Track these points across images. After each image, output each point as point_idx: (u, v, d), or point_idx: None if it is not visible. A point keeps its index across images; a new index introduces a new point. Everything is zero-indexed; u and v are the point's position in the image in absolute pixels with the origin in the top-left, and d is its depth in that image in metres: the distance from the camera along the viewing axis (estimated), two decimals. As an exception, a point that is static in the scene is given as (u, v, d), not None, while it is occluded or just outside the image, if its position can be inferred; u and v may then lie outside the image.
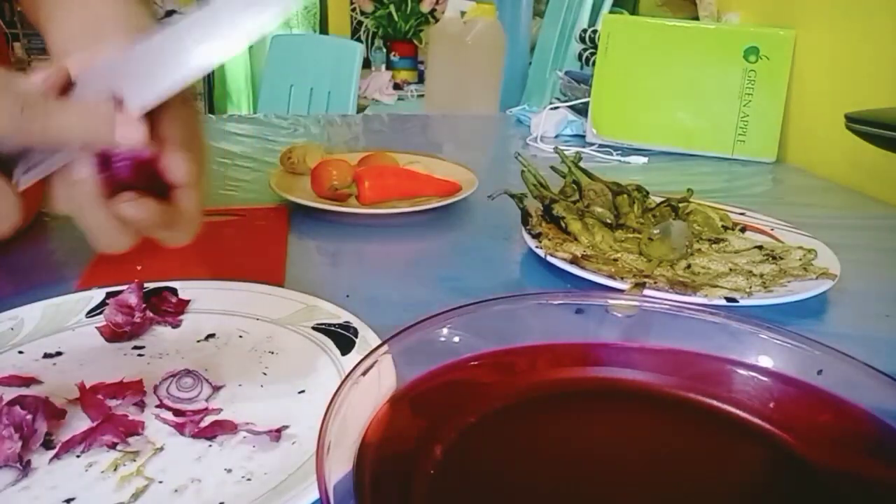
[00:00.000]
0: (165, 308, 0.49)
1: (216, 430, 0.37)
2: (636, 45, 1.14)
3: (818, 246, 0.62)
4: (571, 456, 0.33)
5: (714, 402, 0.35)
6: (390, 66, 3.28)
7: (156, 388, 0.40)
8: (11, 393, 0.38)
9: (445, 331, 0.36)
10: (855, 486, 0.31)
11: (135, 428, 0.37)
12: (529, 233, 0.63)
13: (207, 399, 0.40)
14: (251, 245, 0.62)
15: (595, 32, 1.36)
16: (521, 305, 0.40)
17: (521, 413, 0.35)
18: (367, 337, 0.45)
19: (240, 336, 0.47)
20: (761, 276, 0.57)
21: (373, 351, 0.33)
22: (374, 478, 0.27)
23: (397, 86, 3.08)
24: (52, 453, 0.35)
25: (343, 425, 0.28)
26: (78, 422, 0.37)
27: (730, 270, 0.58)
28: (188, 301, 0.50)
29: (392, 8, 3.36)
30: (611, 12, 1.71)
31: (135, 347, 0.45)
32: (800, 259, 0.60)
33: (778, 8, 1.18)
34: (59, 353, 0.44)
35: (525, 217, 0.66)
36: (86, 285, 0.52)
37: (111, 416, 0.37)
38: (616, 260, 0.60)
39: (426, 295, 0.57)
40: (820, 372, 0.34)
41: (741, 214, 0.72)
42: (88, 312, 0.48)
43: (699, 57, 1.12)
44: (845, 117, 0.72)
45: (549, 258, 0.59)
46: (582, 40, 1.47)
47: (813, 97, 1.08)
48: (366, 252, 0.68)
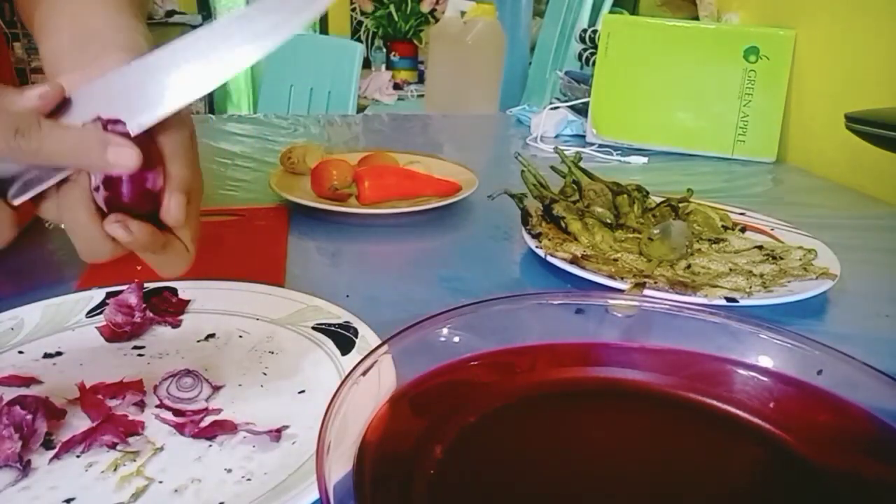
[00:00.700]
0: (165, 308, 0.49)
1: (216, 430, 0.37)
2: (636, 45, 1.14)
3: (818, 246, 0.62)
4: (571, 456, 0.33)
5: (714, 402, 0.35)
6: (390, 66, 3.27)
7: (156, 388, 0.40)
8: (11, 393, 0.38)
9: (445, 331, 0.36)
10: (855, 486, 0.31)
11: (135, 428, 0.37)
12: (529, 233, 0.63)
13: (207, 399, 0.40)
14: (251, 245, 0.62)
15: (595, 32, 1.36)
16: (521, 305, 0.40)
17: (521, 413, 0.35)
18: (367, 337, 0.45)
19: (240, 336, 0.47)
20: (761, 276, 0.57)
21: (373, 351, 0.33)
22: (374, 478, 0.27)
23: (397, 86, 3.08)
24: (52, 453, 0.35)
25: (343, 425, 0.28)
26: (78, 422, 0.37)
27: (730, 270, 0.58)
28: (188, 301, 0.50)
29: (392, 8, 3.36)
30: (611, 12, 1.71)
31: (135, 347, 0.45)
32: (800, 259, 0.60)
33: (778, 8, 1.18)
34: (59, 353, 0.44)
35: (525, 217, 0.66)
36: (86, 285, 0.52)
37: (111, 416, 0.37)
38: (616, 260, 0.60)
39: (426, 295, 0.57)
40: (820, 372, 0.34)
41: (741, 214, 0.72)
42: (88, 312, 0.48)
43: (699, 57, 1.12)
44: (845, 117, 0.72)
45: (549, 258, 0.59)
46: (582, 40, 1.47)
47: (813, 97, 1.08)
48: (366, 252, 0.68)
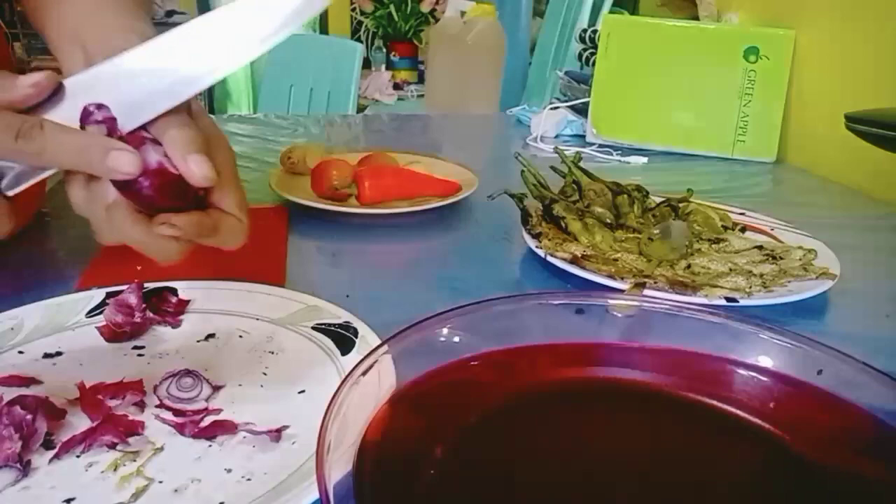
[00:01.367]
0: (165, 308, 0.49)
1: (216, 430, 0.37)
2: (636, 45, 1.14)
3: (818, 246, 0.62)
4: (571, 456, 0.32)
5: (714, 402, 0.35)
6: (390, 66, 3.28)
7: (156, 388, 0.40)
8: (11, 393, 0.38)
9: (445, 331, 0.36)
10: (855, 486, 0.31)
11: (135, 428, 0.37)
12: (529, 233, 0.63)
13: (207, 399, 0.40)
14: (251, 245, 0.62)
15: (595, 32, 1.36)
16: (521, 305, 0.40)
17: (521, 413, 0.35)
18: (367, 337, 0.45)
19: (240, 336, 0.47)
20: (761, 276, 0.57)
21: (373, 351, 0.33)
22: (374, 478, 0.27)
23: (397, 86, 3.08)
24: (52, 453, 0.35)
25: (343, 425, 0.28)
26: (78, 422, 0.37)
27: (730, 270, 0.58)
28: (188, 301, 0.50)
29: (392, 8, 3.36)
30: (611, 12, 1.71)
31: (135, 347, 0.45)
32: (800, 259, 0.60)
33: (778, 8, 1.18)
34: (59, 353, 0.44)
35: (525, 217, 0.66)
36: (86, 285, 0.52)
37: (111, 416, 0.37)
38: (616, 260, 0.60)
39: (426, 295, 0.57)
40: (820, 372, 0.34)
41: (741, 214, 0.72)
42: (88, 312, 0.48)
43: (699, 57, 1.12)
44: (845, 117, 0.72)
45: (549, 258, 0.59)
46: (582, 40, 1.47)
47: (813, 97, 1.08)
48: (366, 252, 0.68)
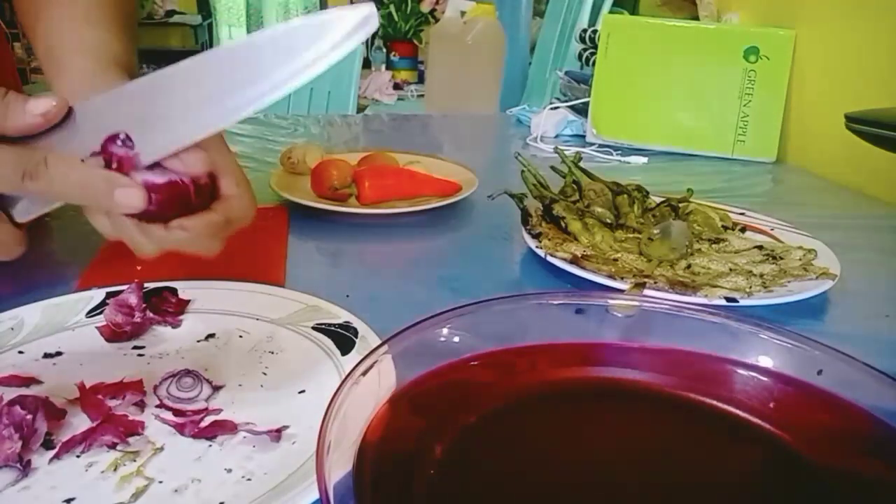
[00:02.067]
0: (165, 308, 0.49)
1: (216, 430, 0.37)
2: (636, 45, 1.14)
3: (818, 246, 0.62)
4: (571, 456, 0.32)
5: (714, 402, 0.35)
6: (390, 66, 3.27)
7: (156, 388, 0.40)
8: (11, 393, 0.38)
9: (445, 331, 0.36)
10: (855, 486, 0.31)
11: (135, 428, 0.37)
12: (529, 233, 0.63)
13: (207, 399, 0.40)
14: (251, 245, 0.62)
15: (595, 32, 1.36)
16: (521, 305, 0.40)
17: (522, 413, 0.35)
18: (367, 337, 0.45)
19: (240, 336, 0.47)
20: (761, 276, 0.57)
21: (373, 351, 0.33)
22: (374, 478, 0.27)
23: (397, 86, 3.07)
24: (52, 453, 0.35)
25: (343, 425, 0.28)
26: (78, 422, 0.37)
27: (730, 270, 0.58)
28: (188, 301, 0.50)
29: (392, 8, 3.36)
30: (611, 12, 1.71)
31: (135, 347, 0.45)
32: (800, 259, 0.60)
33: (778, 8, 1.18)
34: (59, 353, 0.44)
35: (525, 217, 0.66)
36: (86, 285, 0.52)
37: (111, 416, 0.37)
38: (616, 260, 0.60)
39: (426, 295, 0.57)
40: (820, 372, 0.34)
41: (741, 214, 0.72)
42: (88, 312, 0.48)
43: (699, 57, 1.12)
44: (845, 117, 0.72)
45: (549, 258, 0.59)
46: (582, 40, 1.47)
47: (813, 97, 1.08)
48: (366, 252, 0.68)
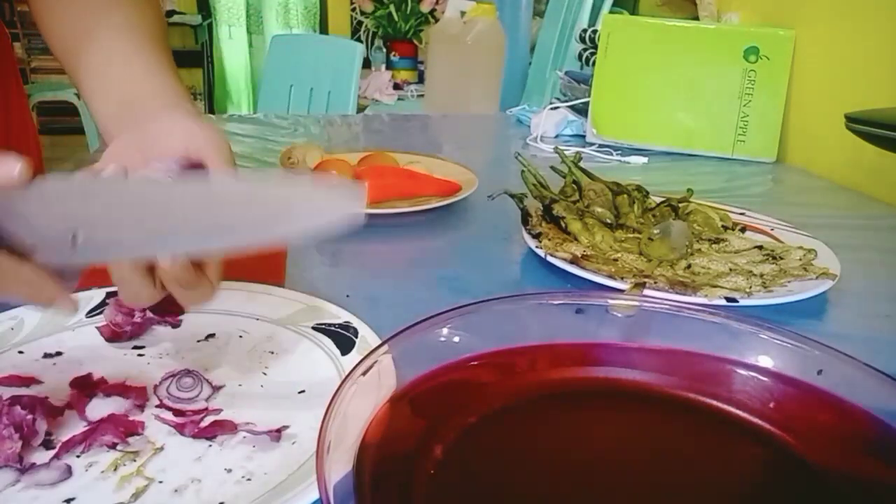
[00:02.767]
0: (165, 308, 0.48)
1: (216, 430, 0.37)
2: (636, 45, 1.14)
3: (818, 246, 0.62)
4: (571, 456, 0.33)
5: (714, 402, 0.35)
6: (390, 66, 3.28)
7: (156, 388, 0.40)
8: (11, 393, 0.38)
9: (445, 331, 0.36)
10: (855, 486, 0.31)
11: (135, 428, 0.37)
12: (529, 233, 0.63)
13: (207, 399, 0.40)
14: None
15: (595, 32, 1.36)
16: (521, 305, 0.40)
17: (521, 413, 0.35)
18: (367, 337, 0.45)
19: (240, 336, 0.47)
20: (761, 276, 0.57)
21: (373, 351, 0.33)
22: (374, 478, 0.27)
23: (397, 86, 3.08)
24: (52, 453, 0.35)
25: (343, 425, 0.28)
26: (78, 422, 0.37)
27: (730, 270, 0.58)
28: (188, 301, 0.50)
29: (392, 8, 3.36)
30: (611, 12, 1.71)
31: (135, 347, 0.45)
32: (800, 259, 0.60)
33: (778, 8, 1.18)
34: (59, 353, 0.44)
35: (525, 217, 0.66)
36: (86, 285, 0.52)
37: (111, 416, 0.37)
38: (616, 260, 0.60)
39: (426, 295, 0.57)
40: (820, 372, 0.34)
41: (741, 214, 0.72)
42: (88, 312, 0.48)
43: (699, 57, 1.12)
44: (845, 117, 0.72)
45: (549, 258, 0.59)
46: (582, 40, 1.47)
47: (813, 97, 1.08)
48: (366, 252, 0.68)
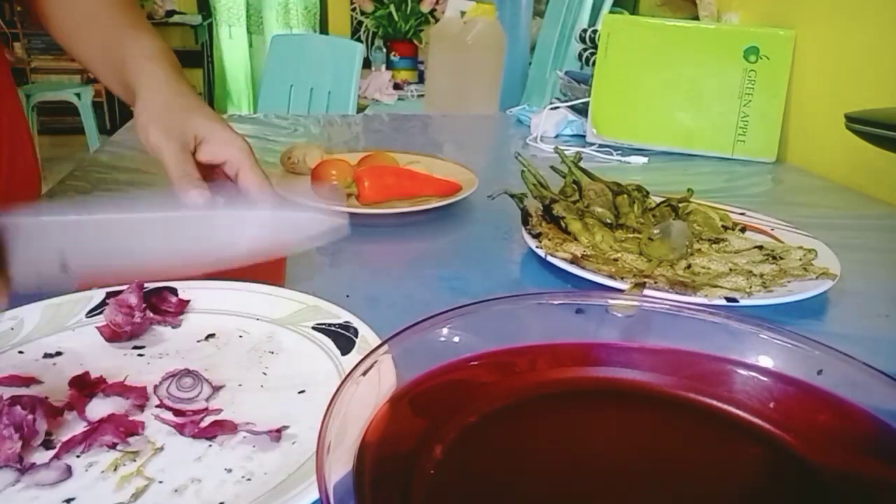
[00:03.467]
0: (165, 308, 0.49)
1: (216, 430, 0.37)
2: (636, 45, 1.14)
3: (818, 246, 0.62)
4: (571, 456, 0.33)
5: (714, 402, 0.35)
6: (390, 66, 3.28)
7: (156, 388, 0.40)
8: (11, 393, 0.38)
9: (445, 331, 0.36)
10: (855, 486, 0.31)
11: (135, 428, 0.37)
12: (529, 233, 0.63)
13: (207, 399, 0.40)
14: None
15: (595, 32, 1.36)
16: (521, 305, 0.40)
17: (521, 413, 0.35)
18: (367, 337, 0.45)
19: (240, 336, 0.47)
20: (761, 276, 0.57)
21: (373, 351, 0.33)
22: (374, 478, 0.27)
23: (397, 86, 3.08)
24: (52, 453, 0.35)
25: (343, 425, 0.28)
26: (78, 422, 0.37)
27: (730, 270, 0.58)
28: (188, 301, 0.50)
29: (392, 8, 3.36)
30: (611, 12, 1.71)
31: (135, 347, 0.45)
32: (800, 259, 0.60)
33: (778, 8, 1.18)
34: (59, 353, 0.44)
35: (525, 217, 0.66)
36: (86, 285, 0.52)
37: (111, 416, 0.37)
38: (616, 260, 0.60)
39: (426, 295, 0.57)
40: (820, 372, 0.34)
41: (741, 214, 0.72)
42: (88, 312, 0.48)
43: (699, 57, 1.12)
44: (845, 117, 0.72)
45: (549, 258, 0.59)
46: (582, 40, 1.47)
47: (813, 97, 1.08)
48: (366, 252, 0.68)
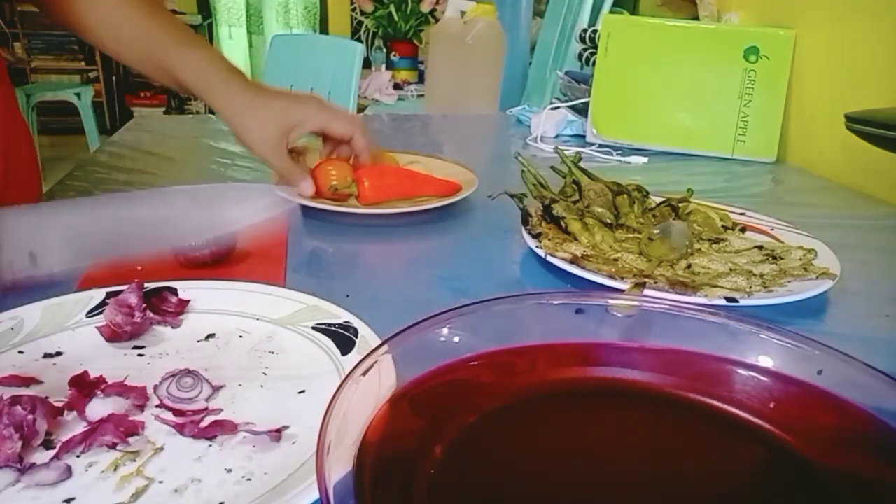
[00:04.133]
0: (165, 308, 0.49)
1: (216, 430, 0.37)
2: (636, 45, 1.14)
3: (818, 246, 0.62)
4: (571, 456, 0.33)
5: (714, 402, 0.35)
6: (390, 66, 3.28)
7: (156, 388, 0.40)
8: (11, 393, 0.38)
9: (445, 331, 0.36)
10: (855, 486, 0.31)
11: (135, 428, 0.37)
12: (529, 233, 0.63)
13: (207, 399, 0.40)
14: (251, 245, 0.62)
15: (595, 32, 1.36)
16: (521, 305, 0.40)
17: (521, 413, 0.35)
18: (367, 337, 0.45)
19: (240, 336, 0.47)
20: (761, 276, 0.57)
21: (373, 351, 0.33)
22: (374, 478, 0.27)
23: (397, 86, 3.08)
24: (52, 453, 0.35)
25: (343, 425, 0.28)
26: (78, 422, 0.37)
27: (730, 270, 0.58)
28: (188, 301, 0.50)
29: (392, 8, 3.36)
30: (611, 12, 1.71)
31: (135, 347, 0.45)
32: (800, 259, 0.60)
33: (778, 8, 1.18)
34: (59, 353, 0.44)
35: (525, 217, 0.66)
36: (86, 285, 0.52)
37: (111, 416, 0.37)
38: (616, 260, 0.60)
39: (426, 295, 0.57)
40: (820, 372, 0.34)
41: (741, 214, 0.72)
42: (88, 312, 0.48)
43: (699, 57, 1.12)
44: (845, 117, 0.72)
45: (549, 258, 0.59)
46: (582, 40, 1.47)
47: (813, 97, 1.08)
48: (366, 252, 0.68)
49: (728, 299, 0.52)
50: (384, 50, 3.39)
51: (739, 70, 1.10)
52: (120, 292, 0.48)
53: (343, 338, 0.45)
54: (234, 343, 0.46)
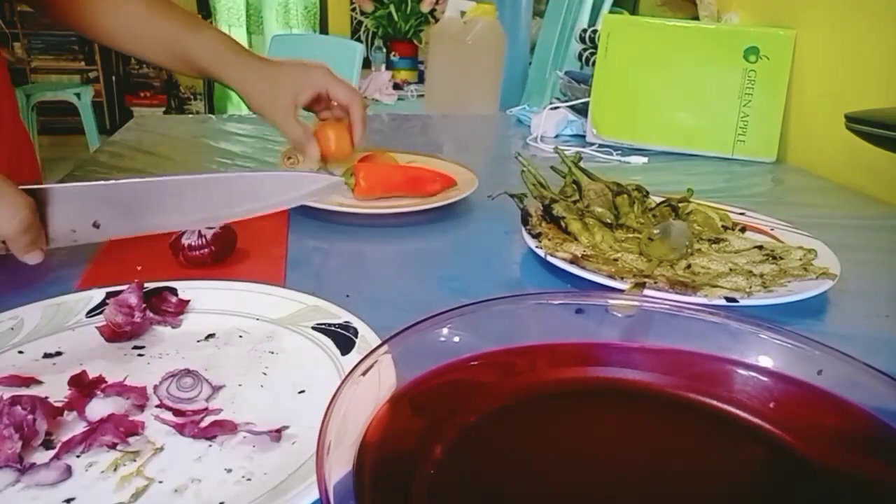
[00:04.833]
0: (165, 308, 0.49)
1: (216, 430, 0.37)
2: (636, 45, 1.14)
3: (818, 246, 0.62)
4: (571, 456, 0.33)
5: (714, 402, 0.35)
6: (390, 66, 3.28)
7: (156, 388, 0.40)
8: (11, 393, 0.38)
9: (445, 331, 0.36)
10: (855, 486, 0.31)
11: (135, 428, 0.37)
12: (529, 233, 0.63)
13: (207, 399, 0.40)
14: (251, 245, 0.62)
15: (595, 32, 1.36)
16: (521, 305, 0.40)
17: (521, 413, 0.35)
18: (367, 337, 0.45)
19: (240, 336, 0.47)
20: (761, 276, 0.57)
21: (373, 351, 0.33)
22: (374, 478, 0.27)
23: (397, 86, 3.07)
24: (52, 453, 0.35)
25: (343, 425, 0.28)
26: (78, 422, 0.37)
27: (730, 270, 0.58)
28: (188, 301, 0.50)
29: (392, 8, 3.36)
30: (611, 12, 1.71)
31: (135, 347, 0.45)
32: (800, 259, 0.60)
33: (778, 8, 1.18)
34: (59, 353, 0.44)
35: (525, 217, 0.66)
36: (86, 285, 0.52)
37: (111, 416, 0.37)
38: (616, 260, 0.60)
39: (426, 295, 0.57)
40: (820, 372, 0.34)
41: (741, 214, 0.72)
42: (88, 312, 0.48)
43: (699, 57, 1.12)
44: (845, 117, 0.72)
45: (549, 258, 0.59)
46: (582, 40, 1.47)
47: (813, 97, 1.08)
48: (366, 252, 0.68)
49: (728, 299, 0.52)
50: (384, 50, 3.39)
51: (739, 70, 1.10)
52: (120, 292, 0.48)
53: (343, 338, 0.45)
54: (234, 343, 0.46)
